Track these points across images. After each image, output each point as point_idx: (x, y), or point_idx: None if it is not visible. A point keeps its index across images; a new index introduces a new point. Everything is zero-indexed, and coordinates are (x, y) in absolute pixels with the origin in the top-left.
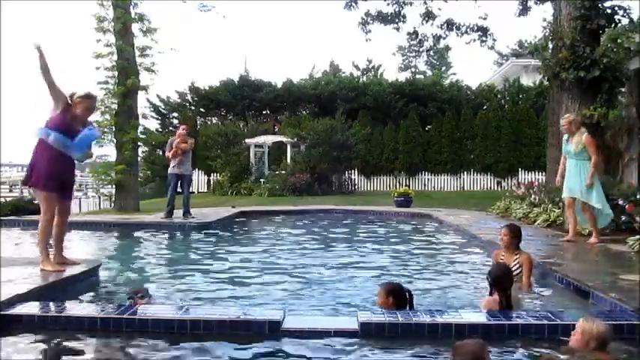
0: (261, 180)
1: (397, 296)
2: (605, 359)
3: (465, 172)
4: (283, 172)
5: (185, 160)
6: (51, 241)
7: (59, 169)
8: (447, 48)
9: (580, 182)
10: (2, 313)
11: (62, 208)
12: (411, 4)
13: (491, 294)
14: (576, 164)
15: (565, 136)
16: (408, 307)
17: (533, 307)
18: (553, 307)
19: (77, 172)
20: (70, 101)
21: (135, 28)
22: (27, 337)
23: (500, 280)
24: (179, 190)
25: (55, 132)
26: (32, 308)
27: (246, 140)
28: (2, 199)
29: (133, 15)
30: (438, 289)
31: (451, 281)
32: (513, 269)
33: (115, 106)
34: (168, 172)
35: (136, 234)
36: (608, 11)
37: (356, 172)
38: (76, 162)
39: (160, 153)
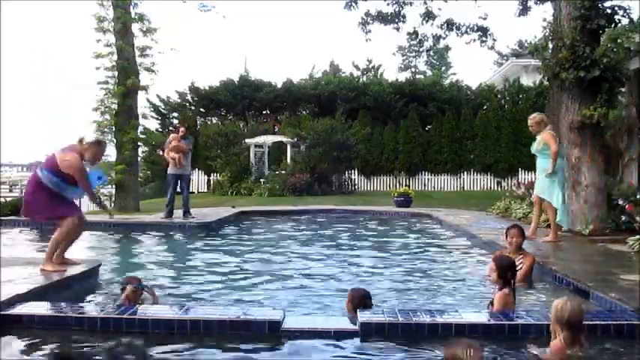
0: (261, 180)
1: (356, 304)
2: (557, 346)
3: (465, 172)
4: (283, 172)
5: (184, 161)
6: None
7: (65, 196)
8: (447, 48)
9: (542, 180)
10: (2, 313)
11: (80, 217)
12: (411, 4)
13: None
14: (541, 162)
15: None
16: None
17: (533, 307)
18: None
19: None
20: (77, 143)
21: (135, 28)
22: (27, 337)
23: (508, 269)
24: (179, 190)
25: (60, 181)
26: (32, 308)
27: (246, 140)
28: (2, 199)
29: (133, 15)
30: (437, 289)
31: (451, 281)
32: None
33: (115, 106)
34: (168, 172)
35: (136, 234)
36: (608, 11)
37: (356, 172)
38: None
39: (160, 152)
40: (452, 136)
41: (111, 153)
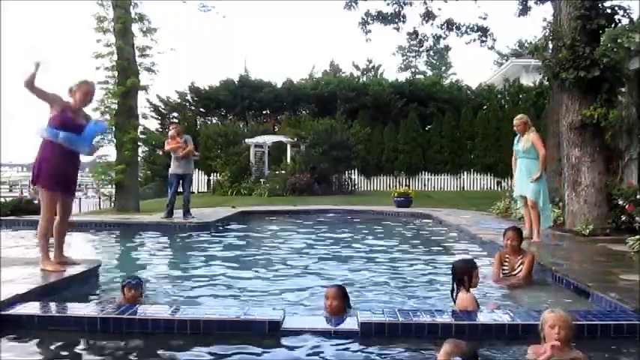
0: (261, 180)
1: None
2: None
3: (465, 172)
4: (283, 172)
5: (187, 160)
6: (51, 240)
7: (66, 168)
8: (447, 48)
9: (528, 180)
10: (2, 313)
11: (64, 207)
12: (411, 4)
13: (459, 290)
14: (526, 163)
15: (516, 137)
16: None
17: (533, 307)
18: (553, 307)
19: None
20: (68, 95)
21: (135, 28)
22: (27, 337)
23: (462, 271)
24: (180, 190)
25: (62, 131)
26: (32, 308)
27: (246, 140)
28: (2, 199)
29: (133, 15)
30: (437, 289)
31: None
32: (517, 269)
33: (115, 106)
34: (170, 172)
35: (136, 234)
36: (608, 11)
37: (356, 172)
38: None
39: (160, 152)
40: (452, 136)
41: (111, 153)
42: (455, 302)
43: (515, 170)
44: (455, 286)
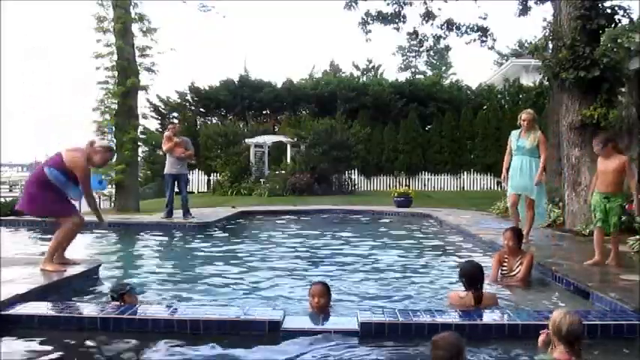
0: (261, 180)
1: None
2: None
3: (465, 172)
4: (283, 172)
5: (180, 160)
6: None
7: (67, 196)
8: (447, 48)
9: (531, 179)
10: (2, 313)
11: (81, 217)
12: (410, 4)
13: (477, 292)
14: (528, 161)
15: (515, 133)
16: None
17: (533, 307)
18: (553, 307)
19: None
20: (88, 147)
21: (135, 28)
22: (27, 337)
23: (474, 276)
24: (177, 190)
25: (66, 180)
26: (32, 308)
27: (246, 140)
28: (2, 199)
29: (133, 15)
30: (437, 289)
31: (450, 281)
32: (515, 270)
33: (115, 106)
34: (165, 172)
35: (136, 234)
36: (608, 11)
37: (356, 172)
38: None
39: (161, 153)
40: (452, 136)
41: None
42: (477, 303)
43: (513, 167)
44: (470, 287)
